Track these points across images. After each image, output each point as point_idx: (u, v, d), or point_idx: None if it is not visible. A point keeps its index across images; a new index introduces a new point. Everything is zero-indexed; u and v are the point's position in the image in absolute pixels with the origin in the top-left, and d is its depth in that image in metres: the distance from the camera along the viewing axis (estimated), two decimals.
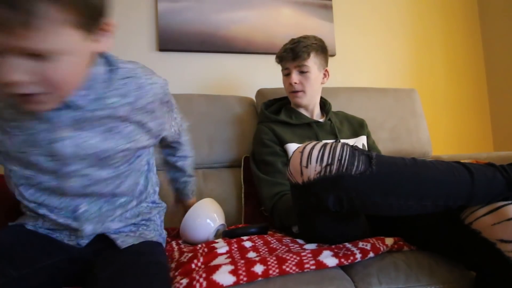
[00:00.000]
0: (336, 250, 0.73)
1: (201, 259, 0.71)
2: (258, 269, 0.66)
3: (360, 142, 1.27)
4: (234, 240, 0.83)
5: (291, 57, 1.19)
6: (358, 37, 1.88)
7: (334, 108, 1.36)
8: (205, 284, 0.62)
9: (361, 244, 0.76)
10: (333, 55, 1.77)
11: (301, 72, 1.20)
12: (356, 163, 0.65)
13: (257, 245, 0.80)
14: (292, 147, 1.16)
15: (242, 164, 1.33)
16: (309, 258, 0.70)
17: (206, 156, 1.34)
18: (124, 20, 1.55)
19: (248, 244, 0.80)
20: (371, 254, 0.74)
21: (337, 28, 1.83)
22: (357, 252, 0.73)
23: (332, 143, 0.69)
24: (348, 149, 0.67)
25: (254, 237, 0.85)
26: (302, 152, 0.70)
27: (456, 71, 2.03)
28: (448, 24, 2.03)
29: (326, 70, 1.27)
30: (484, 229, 0.64)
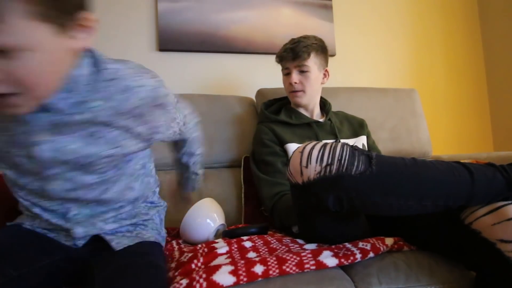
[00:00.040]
0: (336, 250, 0.73)
1: (201, 259, 0.71)
2: (258, 269, 0.66)
3: (360, 142, 1.27)
4: (234, 240, 0.83)
5: (291, 57, 1.19)
6: (358, 37, 1.88)
7: (334, 108, 1.36)
8: (205, 284, 0.62)
9: (361, 244, 0.76)
10: (333, 55, 1.77)
11: (301, 72, 1.20)
12: (356, 163, 0.64)
13: (257, 245, 0.80)
14: (292, 147, 1.16)
15: (242, 164, 1.33)
16: (309, 258, 0.70)
17: (206, 156, 1.31)
18: (124, 20, 1.54)
19: (248, 244, 0.80)
20: (371, 254, 0.74)
21: (337, 28, 1.83)
22: (357, 252, 0.73)
23: (332, 143, 0.69)
24: (348, 149, 0.67)
25: (254, 237, 0.85)
26: (302, 152, 0.70)
27: (456, 71, 2.03)
28: (448, 24, 2.03)
29: (326, 70, 1.27)
30: (484, 229, 0.64)
